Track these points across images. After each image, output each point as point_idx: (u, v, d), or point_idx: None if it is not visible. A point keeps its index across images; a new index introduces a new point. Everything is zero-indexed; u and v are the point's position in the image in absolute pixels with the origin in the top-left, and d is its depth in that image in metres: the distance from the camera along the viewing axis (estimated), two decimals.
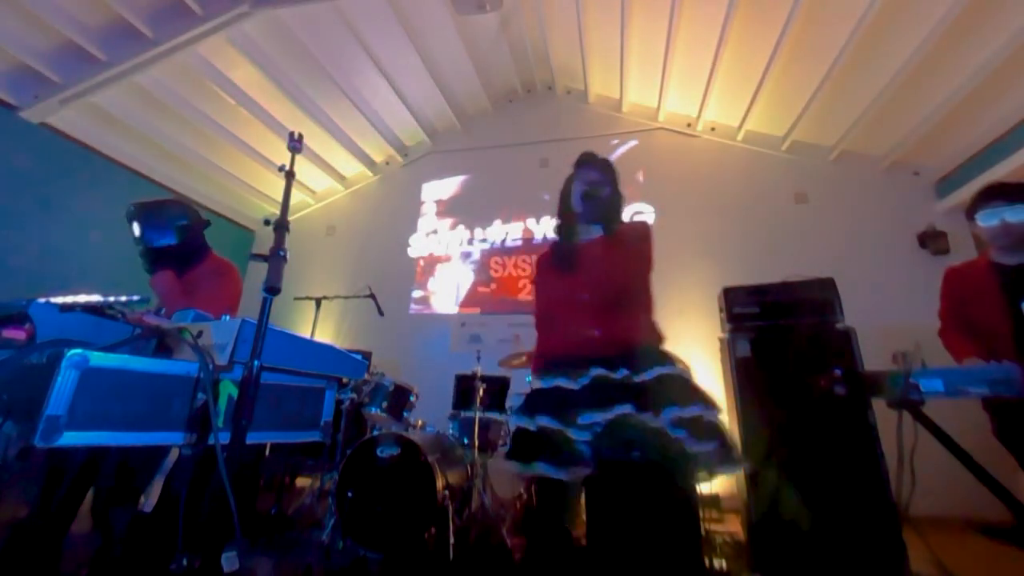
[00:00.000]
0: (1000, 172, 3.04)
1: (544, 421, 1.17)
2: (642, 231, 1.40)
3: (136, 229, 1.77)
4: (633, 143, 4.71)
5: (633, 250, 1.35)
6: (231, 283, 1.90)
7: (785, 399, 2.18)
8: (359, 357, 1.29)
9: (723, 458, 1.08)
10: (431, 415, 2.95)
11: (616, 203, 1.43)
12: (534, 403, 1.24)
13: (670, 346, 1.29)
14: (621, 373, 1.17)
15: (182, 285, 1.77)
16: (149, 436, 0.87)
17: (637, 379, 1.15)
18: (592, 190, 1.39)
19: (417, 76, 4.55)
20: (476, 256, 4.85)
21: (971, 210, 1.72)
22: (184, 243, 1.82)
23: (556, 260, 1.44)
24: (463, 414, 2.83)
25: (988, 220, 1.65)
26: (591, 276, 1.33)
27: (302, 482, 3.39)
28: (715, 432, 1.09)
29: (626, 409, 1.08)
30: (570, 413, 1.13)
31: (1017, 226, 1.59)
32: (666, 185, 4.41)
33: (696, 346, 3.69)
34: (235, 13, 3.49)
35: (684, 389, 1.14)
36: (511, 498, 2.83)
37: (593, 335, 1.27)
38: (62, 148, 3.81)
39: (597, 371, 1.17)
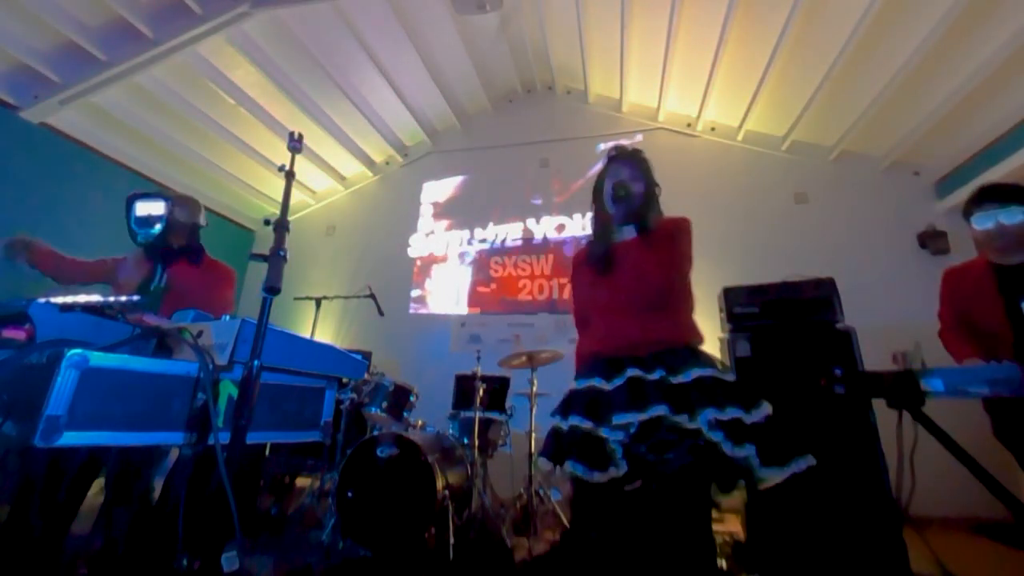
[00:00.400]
0: (1000, 172, 3.04)
1: (576, 420, 1.16)
2: (679, 228, 1.33)
3: (159, 217, 1.81)
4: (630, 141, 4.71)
5: (669, 250, 1.30)
6: (232, 287, 1.98)
7: (785, 399, 2.18)
8: (359, 357, 1.29)
9: (766, 460, 1.03)
10: (431, 415, 2.95)
11: (650, 199, 1.37)
12: (569, 402, 1.24)
13: None
14: (658, 374, 1.14)
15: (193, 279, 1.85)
16: (149, 436, 0.86)
17: (674, 380, 1.12)
18: (622, 189, 1.34)
19: (417, 76, 4.55)
20: (476, 256, 4.84)
21: (966, 213, 1.72)
22: (194, 240, 1.92)
23: (591, 261, 1.40)
24: (463, 414, 2.83)
25: (983, 223, 1.65)
26: (626, 279, 1.30)
27: (302, 482, 3.39)
28: (756, 435, 1.05)
29: (661, 410, 1.06)
30: (603, 412, 1.12)
31: (1012, 227, 1.59)
32: (666, 185, 4.32)
33: None
34: (235, 13, 3.49)
35: (722, 391, 1.10)
36: (511, 498, 2.83)
37: (629, 336, 1.25)
38: (62, 148, 3.81)
39: (633, 372, 1.15)
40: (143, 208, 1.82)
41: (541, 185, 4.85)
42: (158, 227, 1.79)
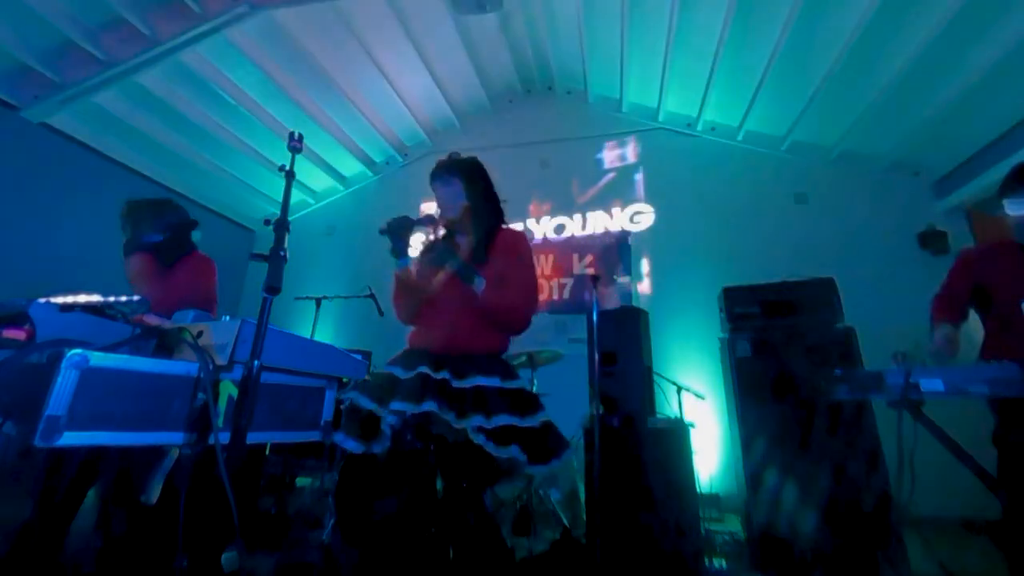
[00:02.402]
0: (1000, 172, 3.03)
1: (360, 400, 1.32)
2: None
3: (127, 225, 1.92)
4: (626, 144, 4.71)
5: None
6: (207, 274, 2.01)
7: (785, 399, 2.18)
8: (359, 357, 1.30)
9: (532, 459, 1.22)
10: None
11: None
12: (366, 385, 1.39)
13: (671, 346, 1.29)
14: (442, 375, 1.27)
15: (158, 271, 1.88)
16: (149, 436, 0.86)
17: (456, 384, 1.25)
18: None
19: (417, 76, 4.55)
20: None
21: (1000, 193, 1.66)
22: (169, 240, 1.94)
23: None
24: None
25: (1017, 209, 1.61)
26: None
27: (302, 482, 3.39)
28: (519, 437, 1.22)
29: (431, 407, 1.20)
30: (387, 398, 1.27)
31: None
32: (666, 185, 4.41)
33: (696, 346, 3.69)
34: (235, 13, 3.48)
35: (496, 401, 1.24)
36: (511, 498, 2.83)
37: (435, 335, 1.42)
38: (62, 148, 3.81)
39: (423, 368, 1.28)
40: (127, 225, 1.93)
41: (541, 185, 4.84)
42: (130, 238, 1.89)
